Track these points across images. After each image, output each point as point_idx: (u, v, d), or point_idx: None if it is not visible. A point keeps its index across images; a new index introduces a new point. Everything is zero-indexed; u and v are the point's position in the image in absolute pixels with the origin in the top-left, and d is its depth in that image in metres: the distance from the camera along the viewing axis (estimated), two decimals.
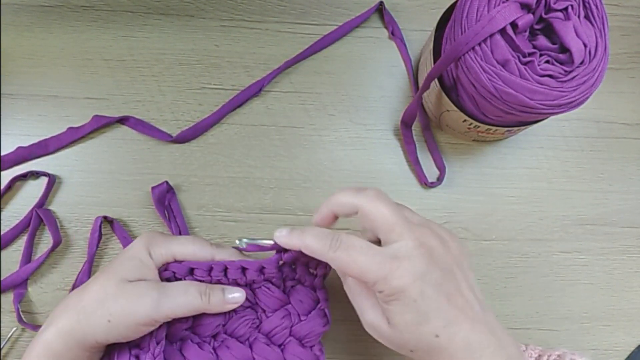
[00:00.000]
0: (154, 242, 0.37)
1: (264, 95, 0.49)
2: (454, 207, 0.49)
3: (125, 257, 0.36)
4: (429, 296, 0.31)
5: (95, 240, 0.45)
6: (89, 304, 0.34)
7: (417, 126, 0.50)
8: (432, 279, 0.31)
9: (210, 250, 0.38)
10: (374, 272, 0.31)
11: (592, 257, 0.49)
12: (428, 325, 0.31)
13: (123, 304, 0.34)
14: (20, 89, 0.48)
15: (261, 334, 0.39)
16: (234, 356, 0.38)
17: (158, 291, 0.34)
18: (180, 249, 0.37)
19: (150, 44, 0.49)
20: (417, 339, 0.31)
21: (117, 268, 0.36)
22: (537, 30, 0.39)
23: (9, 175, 0.46)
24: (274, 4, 0.51)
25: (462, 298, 0.32)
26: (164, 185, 0.45)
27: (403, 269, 0.31)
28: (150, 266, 0.36)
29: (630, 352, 0.48)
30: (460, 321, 0.31)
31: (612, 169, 0.50)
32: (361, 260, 0.31)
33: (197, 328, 0.38)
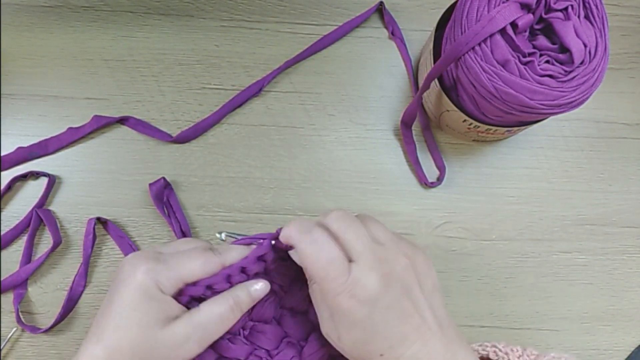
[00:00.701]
0: (158, 273, 0.33)
1: (264, 95, 0.49)
2: (454, 207, 0.49)
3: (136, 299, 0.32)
4: (377, 319, 0.31)
5: (90, 242, 0.45)
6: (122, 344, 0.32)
7: (417, 126, 0.50)
8: (385, 302, 0.31)
9: (217, 260, 0.35)
10: (330, 284, 0.31)
11: (592, 257, 0.49)
12: (373, 344, 0.31)
13: (166, 354, 0.33)
14: (20, 89, 0.48)
15: (285, 309, 0.40)
16: (268, 339, 0.39)
17: (197, 333, 0.33)
18: (187, 272, 0.34)
19: (150, 44, 0.49)
20: (362, 355, 0.32)
21: (134, 316, 0.32)
22: (537, 30, 0.39)
23: (9, 176, 0.46)
24: (274, 4, 0.51)
25: (419, 318, 0.32)
26: (161, 182, 0.45)
27: (355, 290, 0.31)
28: (167, 301, 0.33)
29: (630, 352, 0.48)
30: (409, 341, 0.31)
31: (612, 169, 0.50)
32: (324, 264, 0.31)
33: None
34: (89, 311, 0.45)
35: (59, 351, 0.45)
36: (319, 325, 0.40)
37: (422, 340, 0.31)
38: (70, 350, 0.45)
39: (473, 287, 0.48)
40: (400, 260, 0.32)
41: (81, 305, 0.45)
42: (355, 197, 0.48)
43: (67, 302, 0.44)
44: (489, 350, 0.37)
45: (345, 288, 0.31)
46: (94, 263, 0.46)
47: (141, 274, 0.33)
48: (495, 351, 0.37)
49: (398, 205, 0.48)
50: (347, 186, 0.48)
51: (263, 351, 0.39)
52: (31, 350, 0.45)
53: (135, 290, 0.33)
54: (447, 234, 0.48)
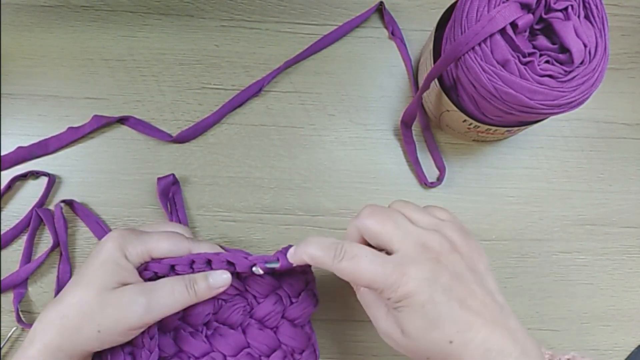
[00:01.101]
0: (127, 242, 0.35)
1: (264, 95, 0.49)
2: (454, 207, 0.49)
3: (100, 262, 0.35)
4: (438, 301, 0.30)
5: (63, 228, 0.45)
6: (74, 318, 0.33)
7: (417, 126, 0.50)
8: (441, 283, 0.30)
9: (186, 245, 0.37)
10: (381, 280, 0.31)
11: (592, 257, 0.49)
12: (440, 331, 0.30)
13: (112, 314, 0.33)
14: (20, 89, 0.48)
15: (254, 319, 0.39)
16: (228, 344, 0.38)
17: (145, 296, 0.34)
18: (156, 246, 0.36)
19: (150, 44, 0.49)
20: (430, 346, 0.30)
21: (94, 276, 0.34)
22: (537, 30, 0.39)
23: (9, 175, 0.46)
24: (274, 4, 0.51)
25: (478, 301, 0.30)
26: (169, 178, 0.45)
27: (408, 275, 0.30)
28: (129, 268, 0.35)
29: (630, 352, 0.48)
30: (476, 326, 0.30)
31: (612, 169, 0.50)
32: (367, 269, 0.31)
33: (188, 318, 0.38)
34: None
35: None
36: (285, 345, 0.39)
37: (488, 326, 0.30)
38: None
39: None
40: (444, 243, 0.32)
41: None
42: (355, 197, 0.48)
43: (58, 292, 0.44)
44: None
45: (396, 277, 0.30)
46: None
47: (111, 241, 0.35)
48: None
49: None
50: (347, 186, 0.48)
51: (220, 355, 0.39)
52: None
53: (102, 255, 0.35)
54: None
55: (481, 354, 0.29)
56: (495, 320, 0.30)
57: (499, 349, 0.29)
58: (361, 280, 0.31)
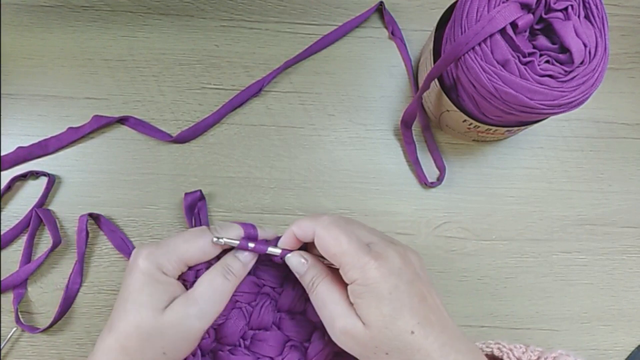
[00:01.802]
0: (159, 257, 0.35)
1: (264, 95, 0.49)
2: (454, 207, 0.49)
3: (141, 283, 0.34)
4: (402, 291, 0.31)
5: (83, 240, 0.45)
6: (136, 343, 0.33)
7: (417, 126, 0.50)
8: (407, 276, 0.32)
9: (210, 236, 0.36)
10: (353, 258, 0.32)
11: (592, 257, 0.49)
12: (402, 320, 0.31)
13: (172, 335, 0.33)
14: (20, 89, 0.48)
15: (282, 311, 0.40)
16: (270, 346, 0.39)
17: (194, 306, 0.34)
18: (185, 252, 0.35)
19: (150, 44, 0.49)
20: (391, 337, 0.31)
21: (141, 298, 0.33)
22: (537, 30, 0.39)
23: (9, 175, 0.46)
24: (274, 4, 0.51)
25: (432, 301, 0.32)
26: (197, 194, 0.45)
27: (379, 262, 0.31)
28: (172, 282, 0.35)
29: (630, 352, 0.48)
30: (432, 322, 0.31)
31: (612, 169, 0.50)
32: (343, 240, 0.32)
33: (223, 339, 0.38)
34: (89, 310, 0.45)
35: (59, 351, 0.45)
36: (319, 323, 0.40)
37: (441, 325, 0.31)
38: (70, 350, 0.45)
39: (473, 287, 0.48)
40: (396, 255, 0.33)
41: (80, 304, 0.45)
42: (355, 197, 0.48)
43: (64, 301, 0.44)
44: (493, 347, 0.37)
45: (370, 260, 0.31)
46: (91, 261, 0.46)
47: (143, 259, 0.34)
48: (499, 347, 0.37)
49: (398, 205, 0.48)
50: (347, 186, 0.48)
51: (267, 359, 0.39)
52: (31, 350, 0.45)
53: (140, 275, 0.34)
54: (447, 234, 0.48)
55: (438, 347, 0.31)
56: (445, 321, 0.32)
57: (451, 345, 0.31)
58: (334, 249, 0.32)
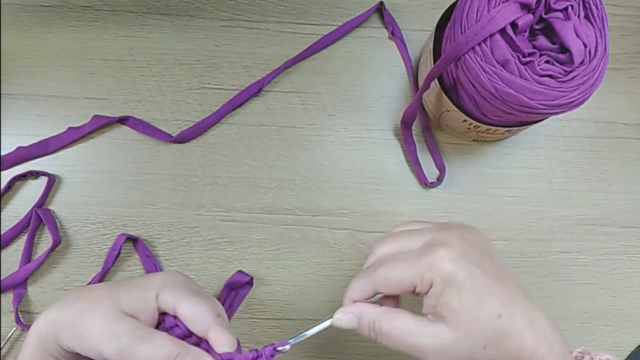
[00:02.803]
0: (169, 287, 0.32)
1: (264, 95, 0.49)
2: (454, 207, 0.49)
3: (136, 286, 0.32)
4: (477, 275, 0.29)
5: (113, 258, 0.45)
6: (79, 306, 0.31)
7: (417, 126, 0.50)
8: (474, 258, 0.30)
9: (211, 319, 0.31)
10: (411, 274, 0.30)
11: (592, 257, 0.49)
12: (488, 306, 0.29)
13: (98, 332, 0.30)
14: (20, 89, 0.48)
15: None
16: None
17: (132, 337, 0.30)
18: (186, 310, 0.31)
19: (150, 44, 0.49)
20: (483, 326, 0.29)
21: (122, 293, 0.32)
22: (537, 30, 0.39)
23: (9, 175, 0.46)
24: (274, 4, 0.51)
25: (506, 277, 0.30)
26: (247, 278, 0.45)
27: (440, 254, 0.29)
28: (151, 307, 0.32)
29: (630, 352, 0.48)
30: (516, 297, 0.29)
31: (612, 169, 0.50)
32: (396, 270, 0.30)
33: None
34: None
35: None
36: None
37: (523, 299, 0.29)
38: None
39: None
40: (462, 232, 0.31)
41: None
42: (355, 197, 0.48)
43: None
44: None
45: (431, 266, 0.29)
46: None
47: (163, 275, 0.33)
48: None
49: (398, 205, 0.48)
50: (347, 186, 0.48)
51: None
52: None
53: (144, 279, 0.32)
54: None
55: (526, 324, 0.29)
56: (525, 296, 0.30)
57: (540, 320, 0.29)
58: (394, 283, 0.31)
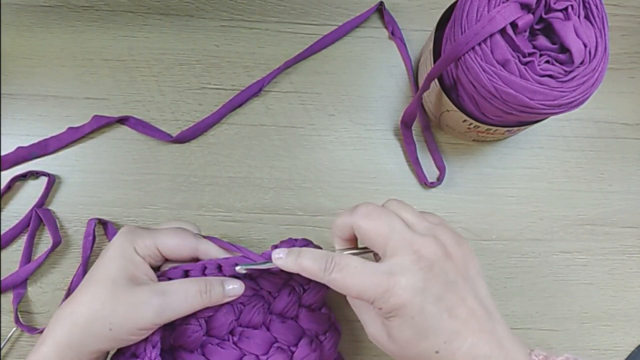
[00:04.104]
0: (136, 235, 0.36)
1: (264, 95, 0.49)
2: (454, 207, 0.49)
3: (110, 257, 0.35)
4: (428, 312, 0.30)
5: (90, 244, 0.45)
6: (85, 315, 0.33)
7: (417, 126, 0.50)
8: (432, 293, 0.30)
9: (193, 241, 0.37)
10: (370, 292, 0.31)
11: (592, 257, 0.49)
12: (428, 341, 0.30)
13: (123, 313, 0.33)
14: (20, 89, 0.48)
15: (274, 314, 0.40)
16: (257, 344, 0.39)
17: (159, 298, 0.34)
18: (163, 240, 0.36)
19: (150, 44, 0.49)
20: (417, 354, 0.31)
21: (104, 271, 0.34)
22: (537, 30, 0.39)
23: (9, 175, 0.46)
24: (274, 4, 0.51)
25: (466, 309, 0.31)
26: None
27: (399, 286, 0.30)
28: (138, 261, 0.35)
29: (630, 352, 0.48)
30: (463, 335, 0.30)
31: (612, 169, 0.50)
32: (356, 281, 0.31)
33: (212, 331, 0.39)
34: None
35: None
36: (309, 330, 0.40)
37: (474, 334, 0.30)
38: None
39: None
40: (438, 250, 0.31)
41: None
42: (355, 197, 0.48)
43: None
44: None
45: (386, 288, 0.30)
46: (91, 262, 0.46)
47: (120, 235, 0.36)
48: None
49: None
50: (347, 186, 0.48)
51: (252, 356, 0.39)
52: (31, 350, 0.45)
53: (112, 250, 0.35)
54: None
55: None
56: (482, 328, 0.30)
57: (485, 356, 0.30)
58: (351, 292, 0.31)
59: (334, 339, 0.41)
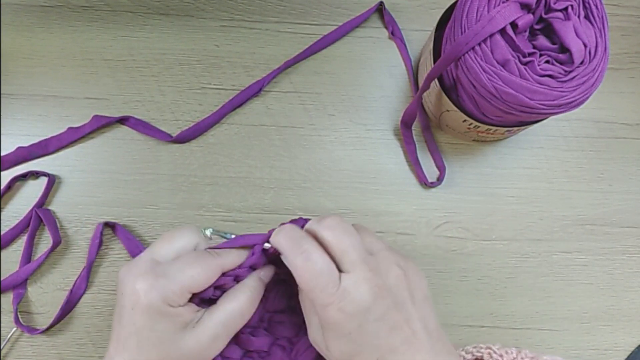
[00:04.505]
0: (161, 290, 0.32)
1: (264, 95, 0.49)
2: (454, 207, 0.49)
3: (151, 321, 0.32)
4: (366, 330, 0.30)
5: (96, 247, 0.45)
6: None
7: (417, 126, 0.50)
8: (376, 314, 0.31)
9: (216, 263, 0.34)
10: (318, 295, 0.31)
11: (592, 257, 0.49)
12: (361, 356, 0.31)
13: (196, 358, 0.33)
14: (20, 89, 0.48)
15: (296, 295, 0.40)
16: (287, 327, 0.39)
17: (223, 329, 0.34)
18: (190, 281, 0.33)
19: (150, 44, 0.49)
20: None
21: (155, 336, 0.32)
22: (537, 30, 0.39)
23: (9, 175, 0.46)
24: (274, 4, 0.51)
25: (409, 330, 0.31)
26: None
27: (345, 302, 0.30)
28: (180, 312, 0.33)
29: (630, 352, 0.48)
30: (400, 352, 0.31)
31: (612, 169, 0.50)
32: (313, 276, 0.31)
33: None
34: (89, 311, 0.45)
35: (59, 351, 0.45)
36: None
37: (411, 352, 0.31)
38: (70, 350, 0.45)
39: (473, 287, 0.48)
40: (393, 271, 0.32)
41: (81, 305, 0.45)
42: (355, 197, 0.48)
43: (66, 304, 0.44)
44: (484, 352, 0.37)
45: (334, 299, 0.30)
46: (96, 264, 0.46)
47: (145, 295, 0.31)
48: (489, 353, 0.37)
49: (398, 205, 0.48)
50: (347, 186, 0.48)
51: (284, 340, 0.39)
52: (31, 350, 0.45)
53: (146, 313, 0.32)
54: (447, 234, 0.48)
55: None
56: (420, 347, 0.31)
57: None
58: (303, 284, 0.31)
59: None
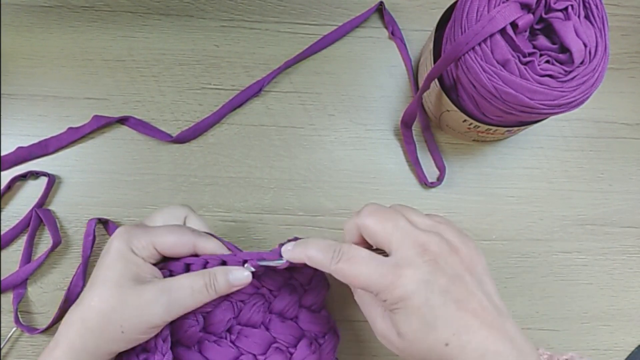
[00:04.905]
0: (133, 236, 0.35)
1: (264, 95, 0.49)
2: (454, 207, 0.49)
3: (110, 260, 0.35)
4: (434, 303, 0.29)
5: (90, 244, 0.45)
6: (95, 320, 0.33)
7: (417, 126, 0.50)
8: (438, 285, 0.30)
9: (191, 238, 0.36)
10: (376, 283, 0.30)
11: (592, 257, 0.49)
12: (436, 333, 0.29)
13: (134, 314, 0.33)
14: (20, 89, 0.48)
15: (274, 314, 0.40)
16: (255, 342, 0.39)
17: (166, 296, 0.34)
18: (160, 239, 0.36)
19: (150, 44, 0.49)
20: (426, 348, 0.30)
21: (107, 274, 0.34)
22: (537, 30, 0.39)
23: (9, 175, 0.46)
24: (274, 4, 0.51)
25: (475, 303, 0.30)
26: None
27: (405, 277, 0.30)
28: (138, 262, 0.35)
29: (630, 352, 0.48)
30: (473, 328, 0.29)
31: (612, 169, 0.50)
32: (363, 271, 0.31)
33: (210, 327, 0.39)
34: None
35: None
36: (308, 331, 0.40)
37: (485, 329, 0.29)
38: None
39: None
40: (443, 245, 0.31)
41: None
42: (355, 197, 0.48)
43: (64, 303, 0.44)
44: None
45: (393, 278, 0.30)
46: (92, 263, 0.46)
47: (118, 237, 0.35)
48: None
49: None
50: (347, 186, 0.48)
51: (250, 356, 0.39)
52: (31, 350, 0.45)
53: (111, 252, 0.35)
54: None
55: (477, 357, 0.29)
56: (492, 323, 0.30)
57: (495, 352, 0.29)
58: (357, 282, 0.31)
59: (333, 342, 0.41)
